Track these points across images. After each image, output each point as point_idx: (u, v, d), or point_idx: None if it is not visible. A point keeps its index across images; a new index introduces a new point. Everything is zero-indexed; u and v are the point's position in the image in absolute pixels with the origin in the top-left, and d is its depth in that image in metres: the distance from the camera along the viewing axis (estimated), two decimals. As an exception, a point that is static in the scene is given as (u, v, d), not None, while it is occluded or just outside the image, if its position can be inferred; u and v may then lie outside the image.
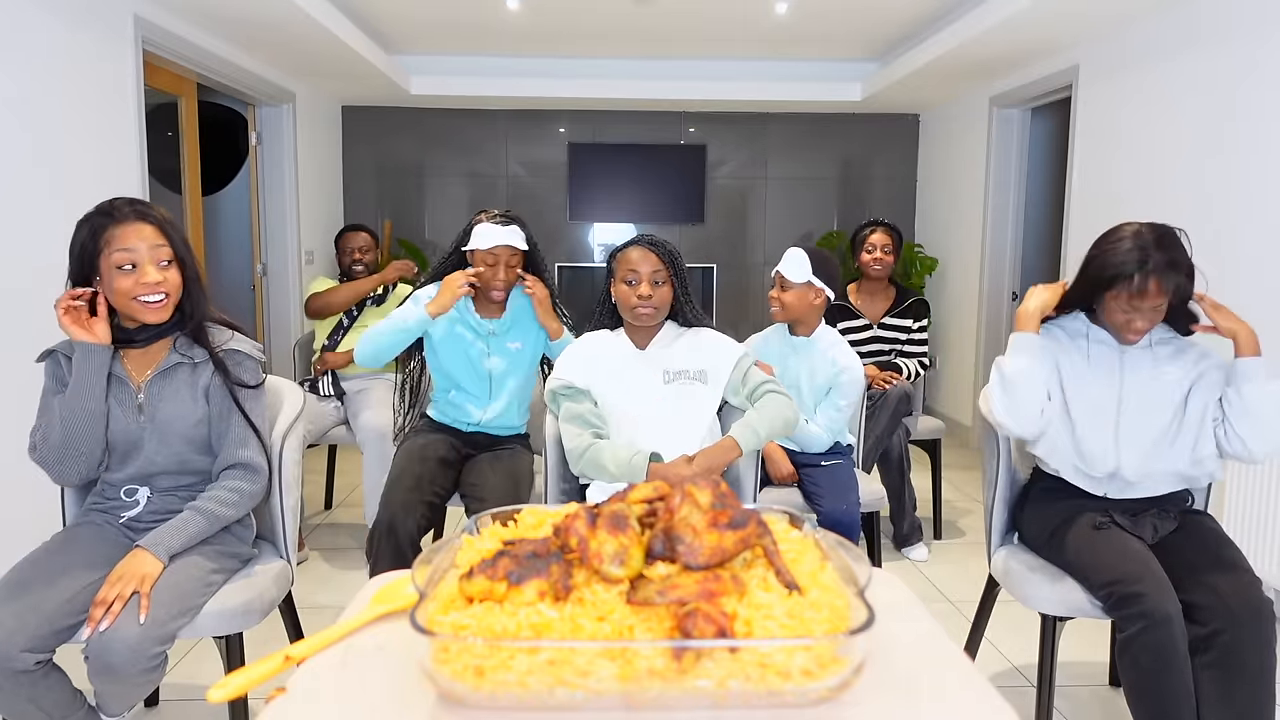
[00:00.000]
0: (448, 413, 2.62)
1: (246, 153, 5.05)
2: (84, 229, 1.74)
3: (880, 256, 3.51)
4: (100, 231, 1.73)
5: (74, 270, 1.76)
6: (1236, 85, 3.13)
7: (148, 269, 1.75)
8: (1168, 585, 1.75)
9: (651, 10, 4.49)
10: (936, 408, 5.79)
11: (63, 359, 1.80)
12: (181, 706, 2.27)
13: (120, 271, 1.73)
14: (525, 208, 6.16)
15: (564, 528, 0.95)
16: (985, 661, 2.54)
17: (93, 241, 1.73)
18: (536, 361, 2.67)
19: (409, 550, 2.21)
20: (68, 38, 3.03)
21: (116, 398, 1.81)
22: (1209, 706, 1.71)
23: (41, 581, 1.64)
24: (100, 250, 1.73)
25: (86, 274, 1.75)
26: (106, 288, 1.75)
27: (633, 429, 2.19)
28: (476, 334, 2.57)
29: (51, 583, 1.65)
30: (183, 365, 1.86)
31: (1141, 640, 1.71)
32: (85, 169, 3.13)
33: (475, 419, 2.59)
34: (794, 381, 2.65)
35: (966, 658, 0.97)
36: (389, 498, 2.29)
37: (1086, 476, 1.98)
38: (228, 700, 0.89)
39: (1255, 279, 3.01)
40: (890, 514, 3.49)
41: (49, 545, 1.77)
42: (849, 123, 6.16)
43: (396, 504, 2.26)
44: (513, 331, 2.59)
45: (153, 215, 1.77)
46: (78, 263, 1.75)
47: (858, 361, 2.64)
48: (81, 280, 1.76)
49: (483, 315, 2.58)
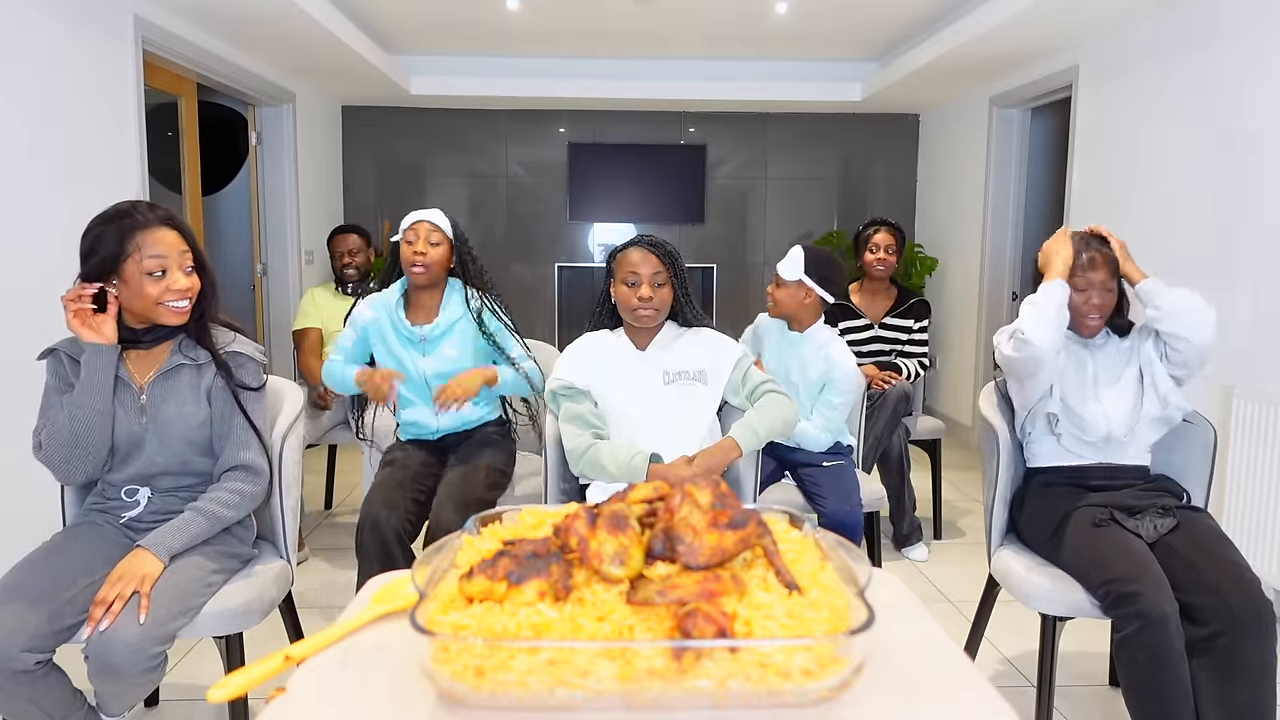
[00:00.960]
0: (409, 430, 2.60)
1: (246, 153, 5.05)
2: (107, 231, 1.72)
3: (884, 257, 3.51)
4: (128, 235, 1.72)
5: (92, 272, 1.74)
6: (1236, 85, 3.13)
7: (177, 275, 1.76)
8: (1165, 584, 1.76)
9: (651, 10, 4.49)
10: (936, 408, 5.79)
11: (65, 358, 1.80)
12: (181, 706, 2.27)
13: (150, 277, 1.74)
14: (525, 208, 6.18)
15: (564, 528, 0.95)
16: (985, 661, 2.54)
17: (119, 244, 1.72)
18: (478, 364, 2.54)
19: (395, 546, 2.21)
20: (68, 38, 3.03)
21: (119, 398, 1.81)
22: (1208, 706, 1.71)
23: (41, 582, 1.64)
24: (127, 254, 1.73)
25: (105, 276, 1.74)
26: (130, 290, 1.75)
27: (633, 429, 2.19)
28: (410, 341, 2.51)
29: (51, 583, 1.64)
30: (185, 366, 1.86)
31: (1138, 639, 1.72)
32: (85, 169, 3.13)
33: (434, 427, 2.56)
34: (785, 375, 2.69)
35: (966, 658, 0.97)
36: (372, 496, 2.30)
37: (1086, 444, 2.10)
38: (228, 700, 0.89)
39: (1255, 279, 3.01)
40: (890, 514, 3.49)
41: (49, 545, 1.77)
42: (849, 123, 6.16)
43: (379, 501, 2.26)
44: (446, 339, 2.51)
45: (175, 221, 1.79)
46: (99, 264, 1.73)
47: (852, 360, 2.64)
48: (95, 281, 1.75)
49: (414, 322, 2.52)
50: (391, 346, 2.52)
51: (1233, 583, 1.75)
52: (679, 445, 2.15)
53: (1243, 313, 3.05)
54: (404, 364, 2.51)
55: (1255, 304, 3.01)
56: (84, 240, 1.75)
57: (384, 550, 2.20)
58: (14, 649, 1.53)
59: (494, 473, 2.45)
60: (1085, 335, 2.16)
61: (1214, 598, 1.74)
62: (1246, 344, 3.03)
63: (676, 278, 2.27)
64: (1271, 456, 2.74)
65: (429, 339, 2.50)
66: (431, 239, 2.46)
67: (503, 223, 6.17)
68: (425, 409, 2.54)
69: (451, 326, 2.51)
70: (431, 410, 2.51)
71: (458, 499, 2.26)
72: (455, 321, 2.52)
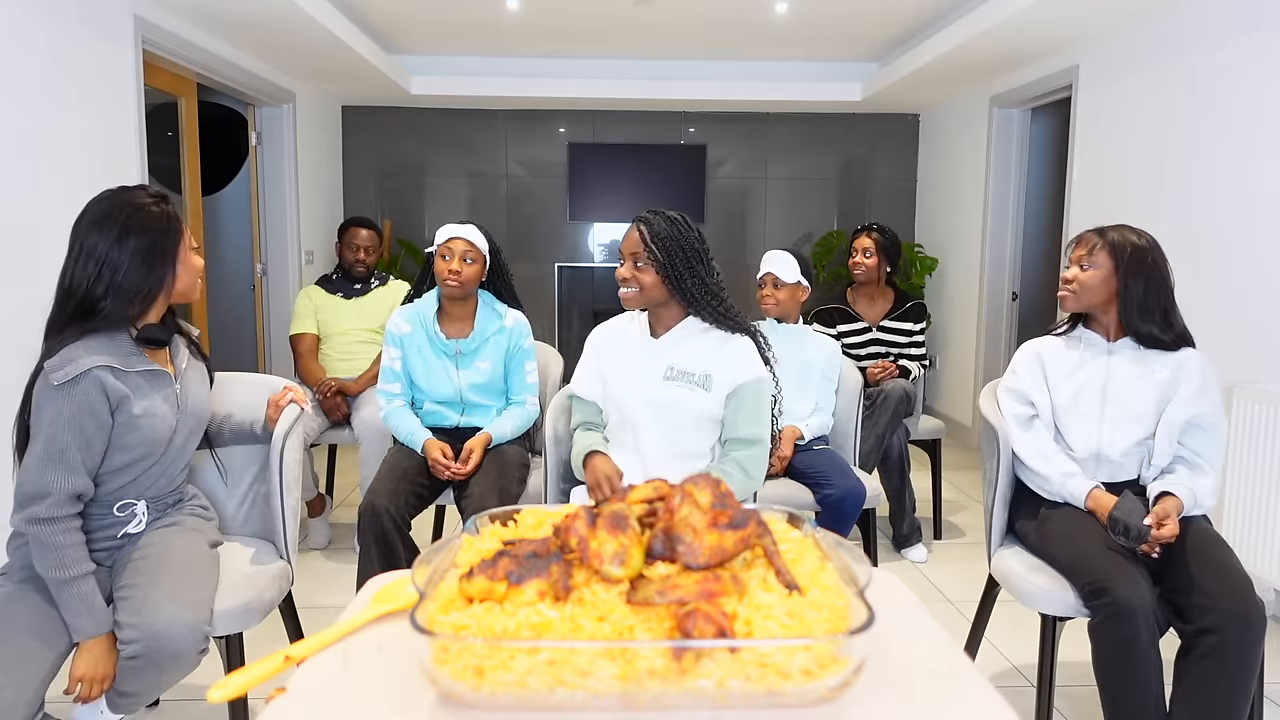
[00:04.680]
0: (427, 419, 2.65)
1: (246, 153, 5.05)
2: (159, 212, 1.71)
3: (861, 260, 3.54)
4: (172, 215, 1.74)
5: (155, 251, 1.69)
6: (1236, 85, 3.13)
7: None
8: (1138, 580, 1.77)
9: (651, 10, 4.49)
10: (936, 408, 5.79)
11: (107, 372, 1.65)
12: (181, 706, 2.27)
13: (195, 252, 1.79)
14: (525, 208, 6.17)
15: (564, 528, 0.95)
16: (985, 661, 2.54)
17: (177, 223, 1.74)
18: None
19: (394, 535, 2.28)
20: (68, 38, 3.03)
21: (161, 392, 1.77)
22: (1182, 702, 1.74)
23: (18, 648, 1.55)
24: (182, 231, 1.75)
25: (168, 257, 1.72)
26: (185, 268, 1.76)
27: (619, 416, 2.14)
28: (446, 354, 2.59)
29: (17, 664, 1.53)
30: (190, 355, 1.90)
31: (1105, 630, 1.76)
32: (85, 169, 3.13)
33: (454, 422, 2.64)
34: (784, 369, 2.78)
35: (966, 658, 0.97)
36: (375, 485, 2.37)
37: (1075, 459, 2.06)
38: (228, 700, 0.89)
39: (1254, 279, 3.01)
40: (890, 515, 3.49)
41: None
42: (849, 123, 6.16)
43: (381, 488, 2.34)
44: (481, 352, 2.60)
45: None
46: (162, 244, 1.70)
47: (833, 341, 2.98)
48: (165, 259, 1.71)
49: (449, 335, 2.59)
50: (427, 359, 2.58)
51: (1223, 584, 1.76)
52: (665, 443, 2.08)
53: (1242, 313, 3.05)
54: (438, 376, 2.58)
55: (1255, 304, 3.01)
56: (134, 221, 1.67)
57: (384, 538, 2.27)
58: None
59: (520, 468, 2.55)
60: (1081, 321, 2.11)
61: (1204, 598, 1.76)
62: (1246, 344, 3.03)
63: (661, 265, 2.02)
64: (1271, 457, 2.74)
65: (464, 352, 2.58)
66: (468, 257, 2.53)
67: (502, 223, 6.17)
68: (452, 412, 2.62)
69: (486, 340, 2.60)
70: (459, 415, 2.62)
71: (499, 492, 2.35)
72: (489, 335, 2.60)
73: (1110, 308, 2.04)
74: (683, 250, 2.02)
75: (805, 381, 2.86)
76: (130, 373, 1.70)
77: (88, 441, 1.64)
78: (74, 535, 1.63)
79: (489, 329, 2.60)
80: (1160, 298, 1.99)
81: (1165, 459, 2.00)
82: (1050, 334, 2.19)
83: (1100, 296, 2.03)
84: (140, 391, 1.72)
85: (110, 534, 1.77)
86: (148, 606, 1.61)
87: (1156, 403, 2.00)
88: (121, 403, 1.68)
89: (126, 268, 1.67)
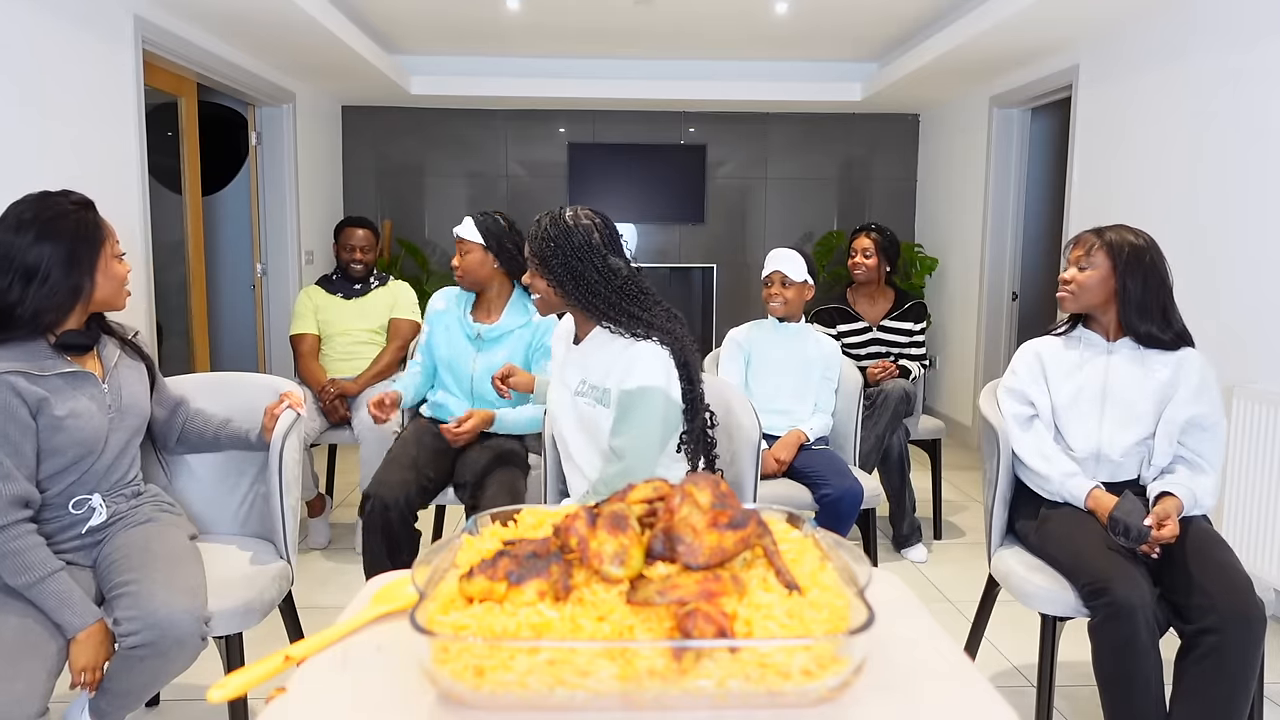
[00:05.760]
0: (434, 411, 2.73)
1: (246, 153, 5.05)
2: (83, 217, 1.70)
3: (860, 260, 3.55)
4: (99, 220, 1.73)
5: (75, 257, 1.66)
6: (1236, 85, 3.13)
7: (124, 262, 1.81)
8: (1138, 580, 1.78)
9: (651, 10, 4.49)
10: (936, 408, 5.79)
11: (19, 378, 1.62)
12: (181, 706, 2.27)
13: (119, 261, 1.77)
14: (525, 208, 6.16)
15: (564, 528, 0.95)
16: (985, 661, 2.54)
17: (98, 230, 1.72)
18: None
19: (397, 524, 2.34)
20: (68, 38, 3.03)
21: (88, 394, 1.73)
22: (1181, 702, 1.74)
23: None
24: (104, 239, 1.73)
25: (91, 264, 1.70)
26: (108, 276, 1.73)
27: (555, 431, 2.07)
28: (468, 336, 2.68)
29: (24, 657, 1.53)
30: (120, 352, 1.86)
31: (1105, 630, 1.76)
32: (85, 169, 3.13)
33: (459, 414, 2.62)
34: (786, 368, 2.87)
35: (966, 658, 0.97)
36: (380, 475, 2.43)
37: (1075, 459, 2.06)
38: (228, 700, 0.89)
39: (1254, 279, 3.01)
40: (890, 515, 3.49)
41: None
42: (849, 123, 6.16)
43: (385, 478, 2.41)
44: (501, 342, 2.66)
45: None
46: (85, 250, 1.68)
47: (832, 341, 2.99)
48: (82, 268, 1.69)
49: (476, 319, 2.69)
50: (451, 336, 2.70)
51: (1223, 584, 1.77)
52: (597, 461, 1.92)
53: (1242, 313, 3.05)
54: (459, 354, 2.68)
55: (1254, 304, 3.01)
56: (51, 227, 1.64)
57: (387, 528, 2.33)
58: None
59: (526, 467, 2.61)
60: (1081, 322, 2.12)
61: (1204, 598, 1.76)
62: (1245, 344, 3.03)
63: (544, 266, 1.86)
64: (1271, 457, 2.74)
65: (485, 338, 2.66)
66: (462, 249, 2.66)
67: (503, 223, 6.16)
68: (460, 401, 2.69)
69: (509, 332, 2.66)
70: (465, 405, 2.67)
71: (511, 491, 2.40)
72: (513, 328, 2.66)
73: (1109, 308, 2.04)
74: (565, 253, 1.83)
75: (806, 382, 2.86)
76: (47, 376, 1.67)
77: (15, 447, 1.62)
78: (29, 539, 1.61)
79: (515, 322, 2.67)
80: (1159, 297, 1.99)
81: (1165, 459, 2.01)
82: (1050, 334, 2.18)
83: (1099, 297, 2.03)
84: (61, 394, 1.68)
85: (75, 532, 1.76)
86: (144, 597, 1.61)
87: (1156, 402, 2.00)
88: (41, 405, 1.65)
89: (41, 274, 1.63)
